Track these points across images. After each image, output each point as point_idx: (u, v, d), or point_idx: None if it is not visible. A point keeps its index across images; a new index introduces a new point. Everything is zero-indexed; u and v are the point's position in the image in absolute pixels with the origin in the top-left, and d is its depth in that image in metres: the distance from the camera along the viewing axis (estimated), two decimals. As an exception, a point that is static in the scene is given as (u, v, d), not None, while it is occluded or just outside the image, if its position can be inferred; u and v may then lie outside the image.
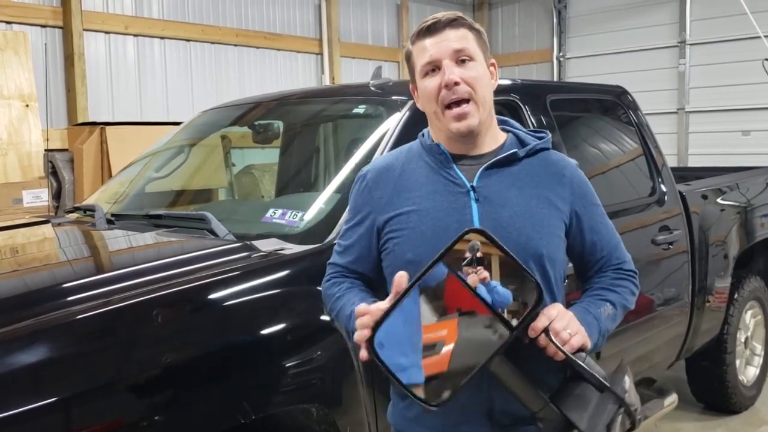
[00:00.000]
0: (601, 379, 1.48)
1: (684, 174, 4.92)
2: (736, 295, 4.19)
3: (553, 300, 1.67)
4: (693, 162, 7.18)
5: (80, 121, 5.35)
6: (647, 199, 3.62)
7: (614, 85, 3.93)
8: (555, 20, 8.23)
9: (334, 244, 1.88)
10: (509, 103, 3.08)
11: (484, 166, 1.69)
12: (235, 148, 4.15)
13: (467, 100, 1.65)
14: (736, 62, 6.79)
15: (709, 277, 3.84)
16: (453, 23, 1.69)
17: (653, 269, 3.50)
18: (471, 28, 1.71)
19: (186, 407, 1.88)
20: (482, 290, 1.46)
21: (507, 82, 3.40)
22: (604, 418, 1.47)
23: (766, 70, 5.48)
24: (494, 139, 1.75)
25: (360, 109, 3.20)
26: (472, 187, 1.67)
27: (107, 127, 4.94)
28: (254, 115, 3.54)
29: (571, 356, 1.48)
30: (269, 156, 4.02)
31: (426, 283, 1.45)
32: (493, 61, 1.77)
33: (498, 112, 3.18)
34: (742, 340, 4.38)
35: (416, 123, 2.65)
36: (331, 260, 1.84)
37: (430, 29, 1.69)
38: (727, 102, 7.00)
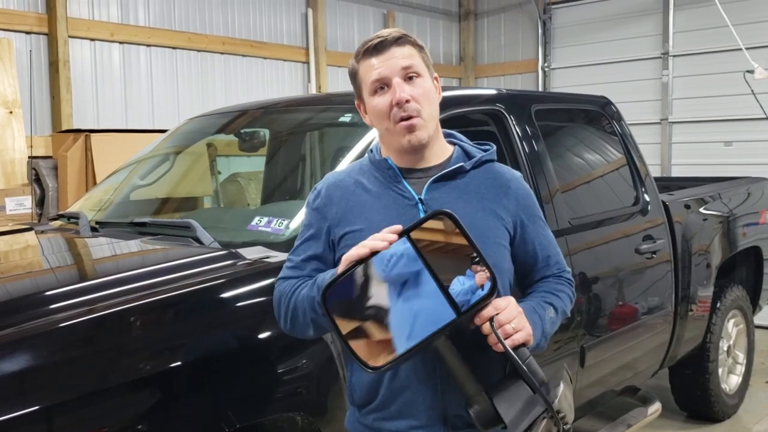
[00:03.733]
0: (534, 379, 1.52)
1: (667, 184, 4.97)
2: (718, 304, 4.22)
3: None
4: (676, 172, 7.24)
5: (65, 128, 5.32)
6: (631, 209, 3.65)
7: (598, 96, 3.97)
8: (540, 31, 8.29)
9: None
10: (495, 113, 3.10)
11: (431, 179, 1.74)
12: (221, 156, 4.14)
13: (417, 117, 1.70)
14: (719, 74, 6.86)
15: (692, 286, 3.87)
16: (399, 41, 1.73)
17: (637, 278, 3.53)
18: (415, 44, 1.76)
19: (170, 416, 1.88)
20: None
21: (492, 92, 3.42)
22: (528, 418, 1.52)
23: (747, 82, 5.55)
24: (441, 152, 1.79)
25: (346, 118, 3.21)
26: (420, 199, 1.72)
27: (92, 135, 4.91)
28: (240, 123, 3.53)
29: (510, 350, 1.52)
30: (255, 164, 4.02)
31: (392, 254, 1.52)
32: (436, 75, 1.82)
33: (483, 122, 3.22)
34: (725, 348, 4.41)
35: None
36: (282, 275, 1.81)
37: (377, 48, 1.73)
38: (709, 113, 7.07)
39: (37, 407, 1.67)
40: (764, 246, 4.76)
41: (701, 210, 4.16)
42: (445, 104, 2.89)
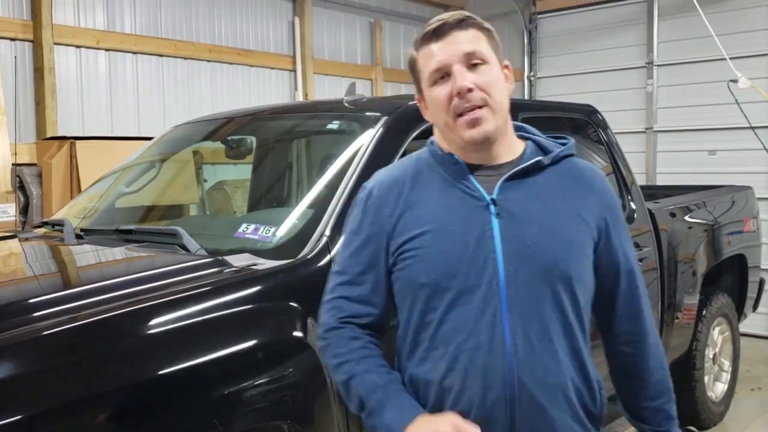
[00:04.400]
0: None
1: (652, 192, 5.00)
2: (704, 312, 4.24)
3: (582, 327, 1.56)
4: (661, 180, 7.29)
5: (49, 135, 5.28)
6: (617, 217, 3.66)
7: (585, 104, 3.99)
8: (526, 40, 8.33)
9: (329, 266, 1.75)
10: (482, 120, 3.10)
11: (504, 177, 1.54)
12: (207, 163, 4.13)
13: (481, 107, 1.50)
14: (703, 83, 6.92)
15: (677, 294, 3.89)
16: (461, 24, 1.53)
17: (623, 286, 3.54)
18: (481, 27, 1.56)
19: (155, 425, 1.85)
20: None
21: (479, 99, 3.43)
22: None
23: (731, 91, 5.60)
24: (512, 147, 1.59)
25: (334, 125, 3.20)
26: (492, 200, 1.52)
27: (77, 142, 4.88)
28: (227, 131, 3.52)
29: None
30: (241, 172, 4.00)
31: None
32: (507, 62, 1.61)
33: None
34: (711, 356, 4.43)
35: (390, 139, 2.67)
36: (338, 294, 1.61)
37: (437, 32, 1.53)
38: (693, 122, 7.13)
39: (19, 416, 1.65)
40: (749, 254, 4.80)
41: (686, 218, 4.19)
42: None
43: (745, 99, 5.81)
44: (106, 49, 5.82)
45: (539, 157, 1.57)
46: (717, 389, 4.55)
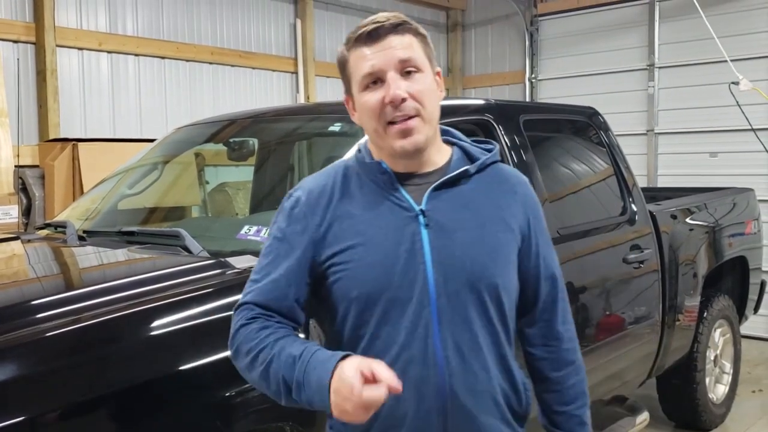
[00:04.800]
0: None
1: (654, 194, 5.00)
2: (705, 314, 4.24)
3: (507, 333, 1.58)
4: (662, 182, 7.28)
5: (52, 137, 5.29)
6: (618, 219, 3.67)
7: (586, 106, 4.00)
8: (527, 42, 8.33)
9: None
10: (483, 122, 3.11)
11: (432, 186, 1.53)
12: (209, 165, 4.13)
13: (413, 116, 1.48)
14: (704, 85, 6.91)
15: (679, 296, 3.89)
16: (397, 28, 1.49)
17: (624, 288, 3.54)
18: (417, 33, 1.53)
19: (157, 426, 1.86)
20: None
21: (481, 102, 3.44)
22: None
23: (733, 94, 5.61)
24: (440, 154, 1.59)
25: (335, 127, 3.21)
26: (421, 210, 1.51)
27: (79, 144, 4.89)
28: (229, 133, 3.53)
29: None
30: (243, 174, 4.01)
31: None
32: (438, 69, 1.59)
33: (472, 132, 3.23)
34: (712, 358, 4.43)
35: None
36: (250, 299, 1.53)
37: (372, 35, 1.49)
38: (695, 124, 7.13)
39: (22, 417, 1.65)
40: (750, 256, 4.80)
41: (688, 220, 4.19)
42: (434, 114, 2.92)
43: (746, 101, 5.81)
44: (108, 52, 5.83)
45: (466, 167, 1.57)
46: (718, 391, 4.55)
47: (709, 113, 6.93)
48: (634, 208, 3.74)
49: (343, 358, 1.37)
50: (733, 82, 5.59)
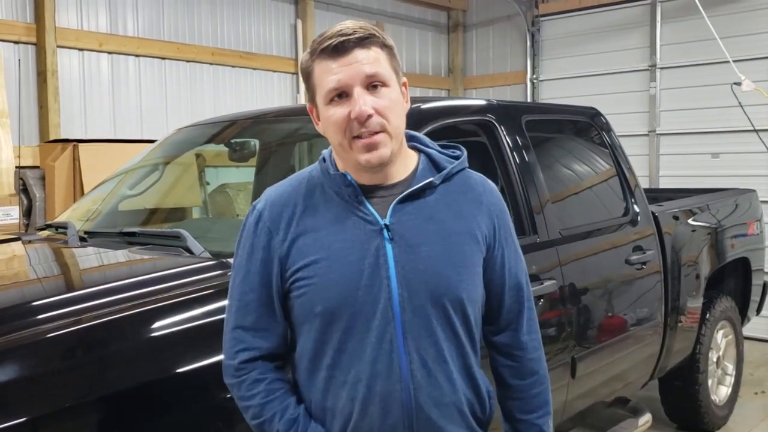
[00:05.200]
0: None
1: (656, 195, 4.99)
2: (708, 315, 4.23)
3: (472, 344, 1.58)
4: (664, 183, 7.27)
5: (52, 138, 5.29)
6: (621, 219, 3.66)
7: (588, 107, 3.98)
8: (528, 43, 8.32)
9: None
10: (485, 123, 3.10)
11: (397, 199, 1.52)
12: (210, 166, 4.12)
13: (379, 132, 1.47)
14: (706, 86, 6.90)
15: (681, 297, 3.88)
16: (363, 42, 1.48)
17: (627, 289, 3.53)
18: (383, 45, 1.51)
19: (158, 426, 1.85)
20: None
21: (483, 102, 3.43)
22: None
23: (735, 94, 5.60)
24: (405, 164, 1.57)
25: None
26: (385, 225, 1.50)
27: (80, 144, 4.89)
28: (230, 134, 3.52)
29: None
30: (243, 175, 4.00)
31: None
32: (405, 80, 1.58)
33: (474, 133, 3.22)
34: (714, 359, 4.42)
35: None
36: (235, 323, 1.58)
37: (338, 49, 1.47)
38: (696, 125, 7.12)
39: (23, 419, 1.64)
40: (752, 257, 4.79)
41: (690, 221, 4.18)
42: (436, 114, 2.91)
43: (748, 102, 5.80)
44: (109, 52, 5.83)
45: (430, 179, 1.55)
46: (720, 393, 4.54)
47: (711, 114, 6.92)
48: (636, 209, 3.73)
49: None
50: (735, 83, 5.58)
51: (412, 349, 1.50)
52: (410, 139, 1.63)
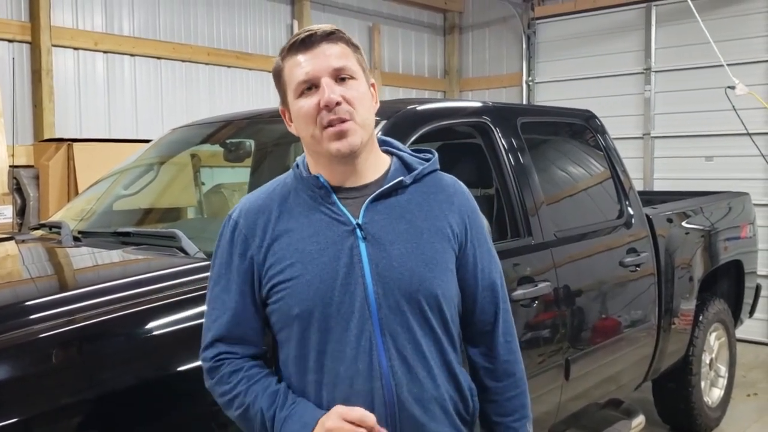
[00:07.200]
0: None
1: (650, 198, 5.00)
2: (701, 318, 4.24)
3: (450, 340, 1.59)
4: (658, 186, 7.29)
5: (47, 137, 5.27)
6: (615, 222, 3.67)
7: (583, 109, 4.00)
8: (524, 45, 8.34)
9: None
10: (481, 125, 3.11)
11: (369, 199, 1.55)
12: (205, 166, 4.12)
13: (348, 120, 1.50)
14: (700, 89, 6.93)
15: (675, 300, 3.89)
16: (330, 37, 1.53)
17: (621, 291, 3.54)
18: (350, 43, 1.56)
19: (153, 427, 1.85)
20: None
21: (478, 104, 3.44)
22: None
23: (729, 98, 5.61)
24: (377, 165, 1.60)
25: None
26: (358, 224, 1.53)
27: (74, 144, 4.87)
28: (225, 134, 3.52)
29: None
30: (238, 175, 4.00)
31: None
32: (373, 81, 1.62)
33: (469, 134, 3.23)
34: (707, 361, 4.44)
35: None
36: (215, 333, 1.61)
37: (305, 43, 1.52)
38: (691, 128, 7.14)
39: (15, 419, 1.64)
40: (745, 260, 4.80)
41: (684, 224, 4.19)
42: (432, 116, 2.92)
43: (742, 105, 5.82)
44: (104, 51, 5.82)
45: (400, 178, 1.58)
46: (713, 395, 4.56)
47: (705, 117, 6.95)
48: (630, 211, 3.74)
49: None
50: (729, 87, 5.60)
51: (391, 346, 1.52)
52: (383, 144, 1.67)
